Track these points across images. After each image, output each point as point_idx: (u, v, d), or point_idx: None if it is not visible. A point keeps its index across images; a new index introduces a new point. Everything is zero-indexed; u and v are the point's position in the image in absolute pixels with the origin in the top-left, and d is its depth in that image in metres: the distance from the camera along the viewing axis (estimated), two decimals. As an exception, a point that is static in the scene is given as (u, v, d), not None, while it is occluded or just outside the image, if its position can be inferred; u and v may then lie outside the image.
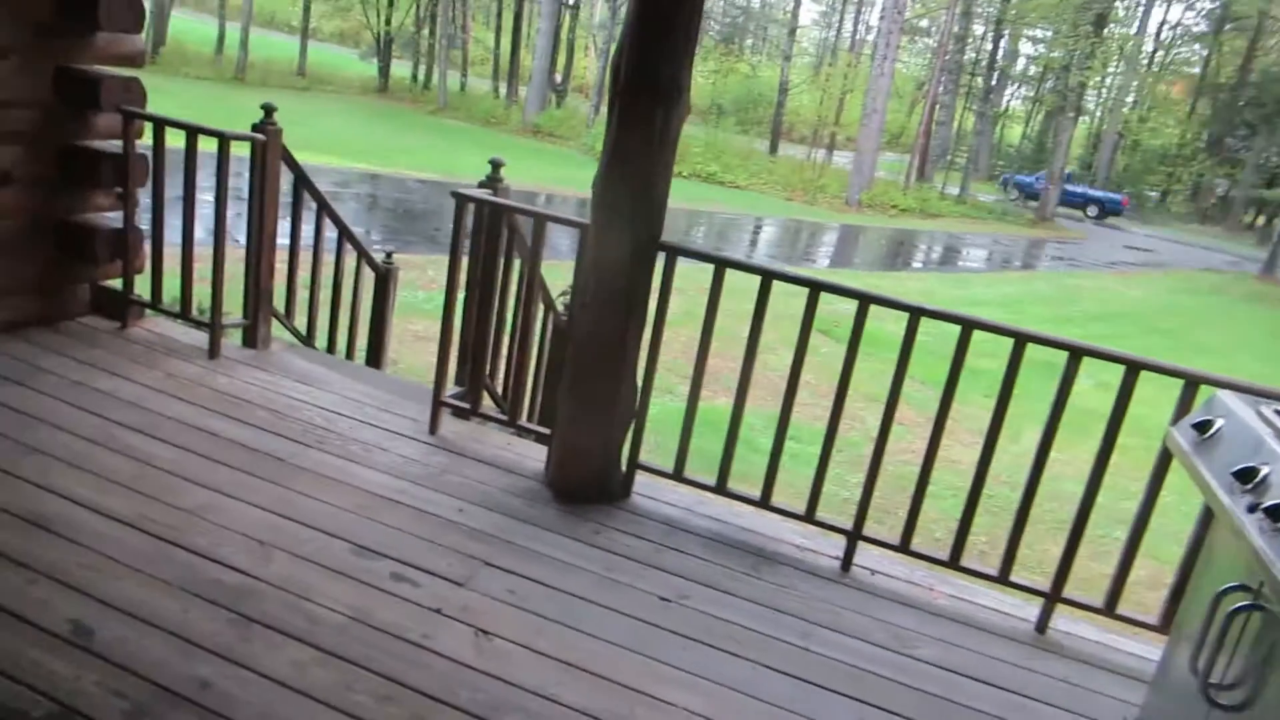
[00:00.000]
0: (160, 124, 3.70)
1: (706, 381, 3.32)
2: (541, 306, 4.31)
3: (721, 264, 3.19)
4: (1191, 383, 2.78)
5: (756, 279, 3.18)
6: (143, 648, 2.16)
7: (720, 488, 3.33)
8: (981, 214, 28.86)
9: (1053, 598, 3.00)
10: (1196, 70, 37.74)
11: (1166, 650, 2.39)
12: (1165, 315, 16.99)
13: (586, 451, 3.26)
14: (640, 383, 3.27)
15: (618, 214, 3.01)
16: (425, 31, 30.50)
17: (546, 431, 3.48)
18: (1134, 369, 2.84)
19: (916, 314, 3.02)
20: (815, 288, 3.13)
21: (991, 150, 38.83)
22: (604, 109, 27.01)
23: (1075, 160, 36.43)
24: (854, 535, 3.17)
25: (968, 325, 2.99)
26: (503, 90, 31.01)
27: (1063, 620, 3.06)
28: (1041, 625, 3.02)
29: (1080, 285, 19.11)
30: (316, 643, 2.29)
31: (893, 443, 3.19)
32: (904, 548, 3.16)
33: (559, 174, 19.49)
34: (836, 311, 2.98)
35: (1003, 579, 3.09)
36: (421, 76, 31.19)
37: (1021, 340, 2.95)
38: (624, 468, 3.37)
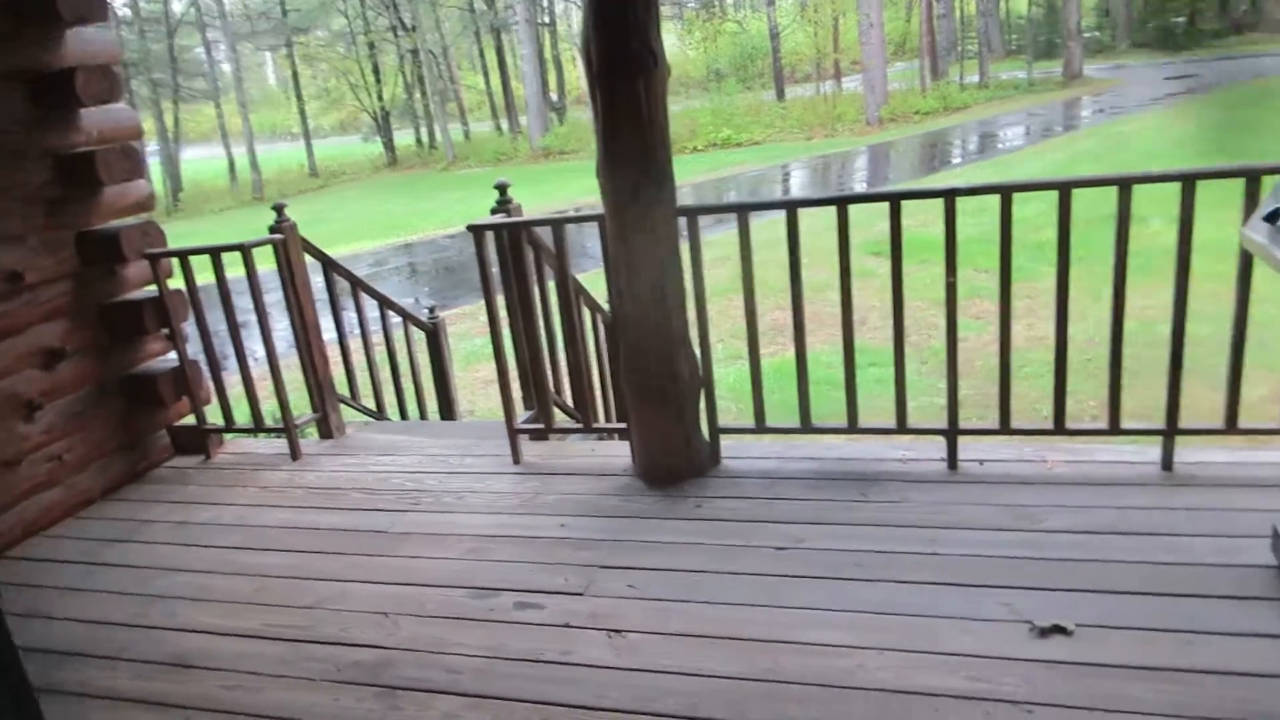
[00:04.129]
0: (184, 256, 3.86)
1: (774, 336, 3.29)
2: (588, 310, 4.35)
3: (743, 209, 3.17)
4: (1253, 177, 2.64)
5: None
6: (304, 741, 2.23)
7: (805, 426, 3.30)
8: (1008, 92, 27.87)
9: (1171, 432, 2.89)
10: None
11: (1300, 447, 2.27)
12: (1221, 136, 16.13)
13: (665, 433, 3.27)
14: (699, 349, 3.27)
15: (627, 193, 3.02)
16: (418, 95, 31.10)
17: (623, 426, 3.50)
18: (1189, 182, 2.71)
19: (950, 196, 2.93)
20: (841, 203, 3.08)
21: (1001, 27, 37.48)
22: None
23: (1091, 9, 34.87)
24: (952, 432, 3.10)
25: (1005, 191, 2.90)
26: (505, 125, 31.36)
27: (1187, 452, 2.93)
28: (1167, 462, 2.90)
29: (1125, 131, 18.26)
30: (462, 690, 2.33)
31: (978, 336, 3.11)
32: (1005, 428, 3.07)
33: (580, 186, 19.60)
34: (881, 231, 2.92)
35: (1114, 429, 2.98)
36: (425, 138, 31.82)
37: (1066, 189, 2.84)
38: (707, 437, 3.36)
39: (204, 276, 3.88)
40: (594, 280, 3.88)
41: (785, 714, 2.06)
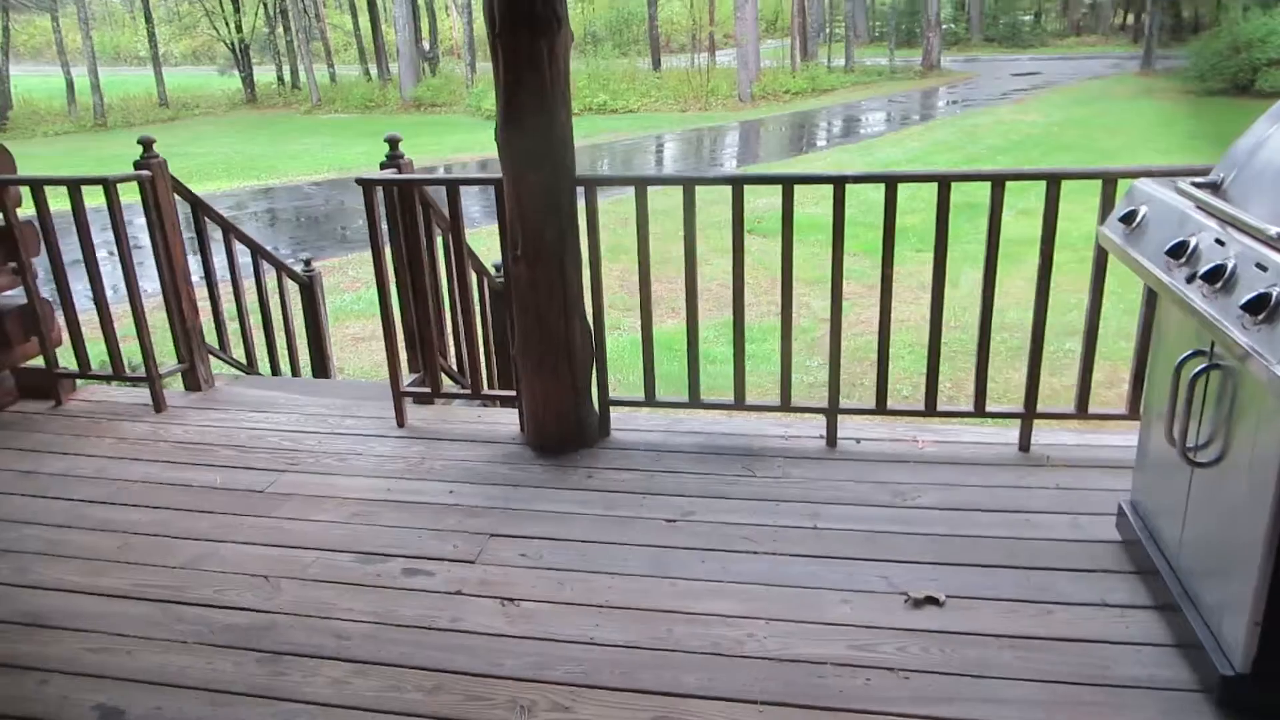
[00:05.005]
0: (38, 185, 3.53)
1: (653, 307, 3.33)
2: (474, 274, 4.27)
3: (641, 183, 3.18)
4: (1109, 180, 2.86)
5: (673, 194, 3.17)
6: (179, 711, 2.13)
7: (694, 401, 3.37)
8: (872, 78, 28.93)
9: (1029, 416, 3.12)
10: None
11: (1141, 432, 2.51)
12: (1065, 131, 17.36)
13: (556, 402, 3.27)
14: (591, 321, 3.28)
15: (527, 159, 2.97)
16: (280, 30, 29.31)
17: (513, 394, 3.47)
18: (1054, 181, 2.91)
19: (840, 183, 3.04)
20: (737, 183, 3.13)
21: (867, 13, 38.74)
22: (482, 66, 26.27)
23: (946, 3, 36.49)
24: (832, 411, 3.24)
25: (890, 180, 3.03)
26: (374, 72, 30.03)
27: (1042, 434, 3.18)
28: (1024, 444, 3.14)
29: (979, 123, 19.36)
30: (351, 656, 2.29)
31: (845, 317, 3.24)
32: (881, 409, 3.24)
33: (453, 142, 19.09)
34: (756, 208, 2.99)
35: (979, 412, 3.19)
36: (288, 77, 30.10)
37: (945, 182, 3.00)
38: (596, 408, 3.39)
39: (57, 204, 3.57)
40: (473, 241, 3.81)
41: (678, 681, 2.13)
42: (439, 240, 3.76)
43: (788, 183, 3.09)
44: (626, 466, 3.18)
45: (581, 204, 3.13)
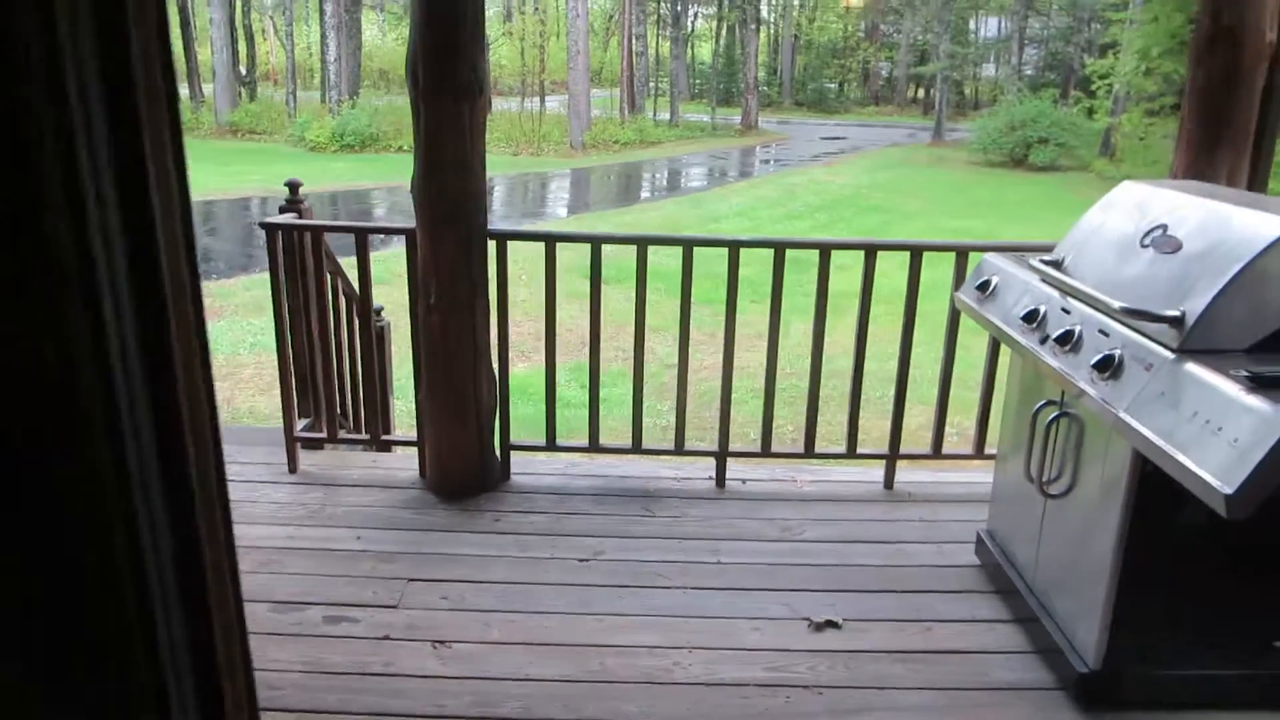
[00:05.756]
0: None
1: (521, 349, 3.50)
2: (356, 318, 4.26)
3: (551, 239, 3.35)
4: (961, 253, 3.31)
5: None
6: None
7: (594, 446, 3.55)
8: (695, 133, 30.37)
9: (892, 457, 3.51)
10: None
11: (996, 470, 2.92)
12: (872, 193, 18.95)
13: (462, 448, 3.35)
14: (496, 367, 3.40)
15: (444, 216, 3.09)
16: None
17: (412, 438, 3.52)
18: (917, 253, 3.34)
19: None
20: (642, 243, 3.36)
21: (688, 71, 40.67)
22: (304, 95, 25.43)
23: (763, 65, 39.01)
24: (722, 454, 3.51)
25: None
26: (185, 92, 28.38)
27: (903, 474, 3.58)
28: (889, 482, 3.53)
29: (796, 182, 20.78)
30: (286, 705, 2.28)
31: (692, 363, 3.54)
32: (766, 451, 3.55)
33: (273, 172, 18.32)
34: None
35: (850, 454, 3.56)
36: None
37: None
38: (498, 453, 3.49)
39: None
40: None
41: (620, 710, 2.29)
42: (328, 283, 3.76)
43: (688, 244, 3.37)
44: (532, 510, 3.31)
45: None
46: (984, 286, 2.85)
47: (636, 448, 3.55)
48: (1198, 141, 2.94)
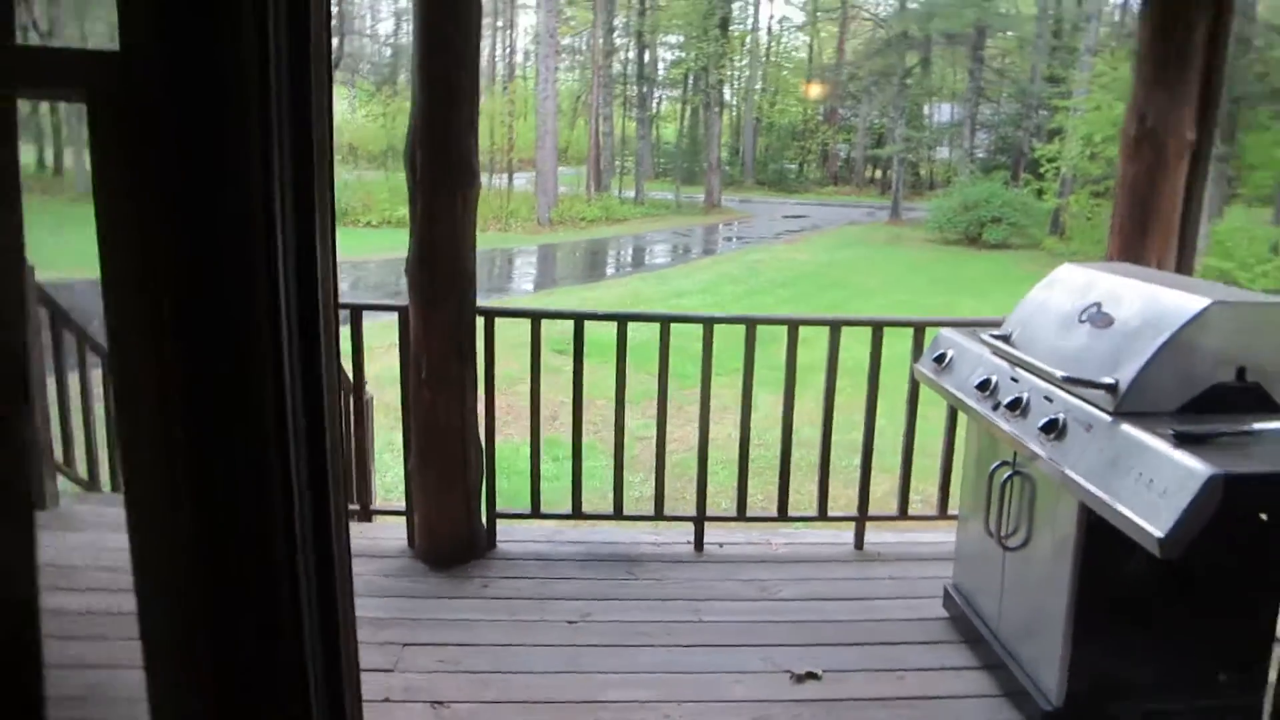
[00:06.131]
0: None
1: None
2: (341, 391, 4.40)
3: (536, 316, 3.56)
4: (919, 328, 3.57)
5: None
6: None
7: (576, 513, 3.71)
8: (660, 211, 31.12)
9: (861, 519, 3.70)
10: (804, 55, 43.13)
11: (959, 528, 3.12)
12: (832, 270, 19.53)
13: (452, 518, 3.49)
14: (484, 440, 3.56)
15: (437, 296, 3.28)
16: None
17: (399, 508, 3.64)
18: (878, 328, 3.59)
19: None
20: (622, 320, 3.58)
21: (653, 150, 41.83)
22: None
23: (725, 145, 40.26)
24: (700, 519, 3.68)
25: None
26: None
27: (871, 535, 3.77)
28: (859, 543, 3.71)
29: (759, 259, 21.36)
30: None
31: (648, 434, 3.73)
32: (742, 516, 3.72)
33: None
34: (567, 331, 3.48)
35: (821, 516, 3.75)
36: None
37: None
38: (484, 521, 3.63)
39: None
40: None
41: (614, 760, 2.41)
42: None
43: (665, 320, 3.60)
44: (519, 575, 3.44)
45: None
46: (940, 359, 3.10)
47: (618, 514, 3.71)
48: (1129, 229, 3.25)
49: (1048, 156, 21.23)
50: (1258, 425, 2.13)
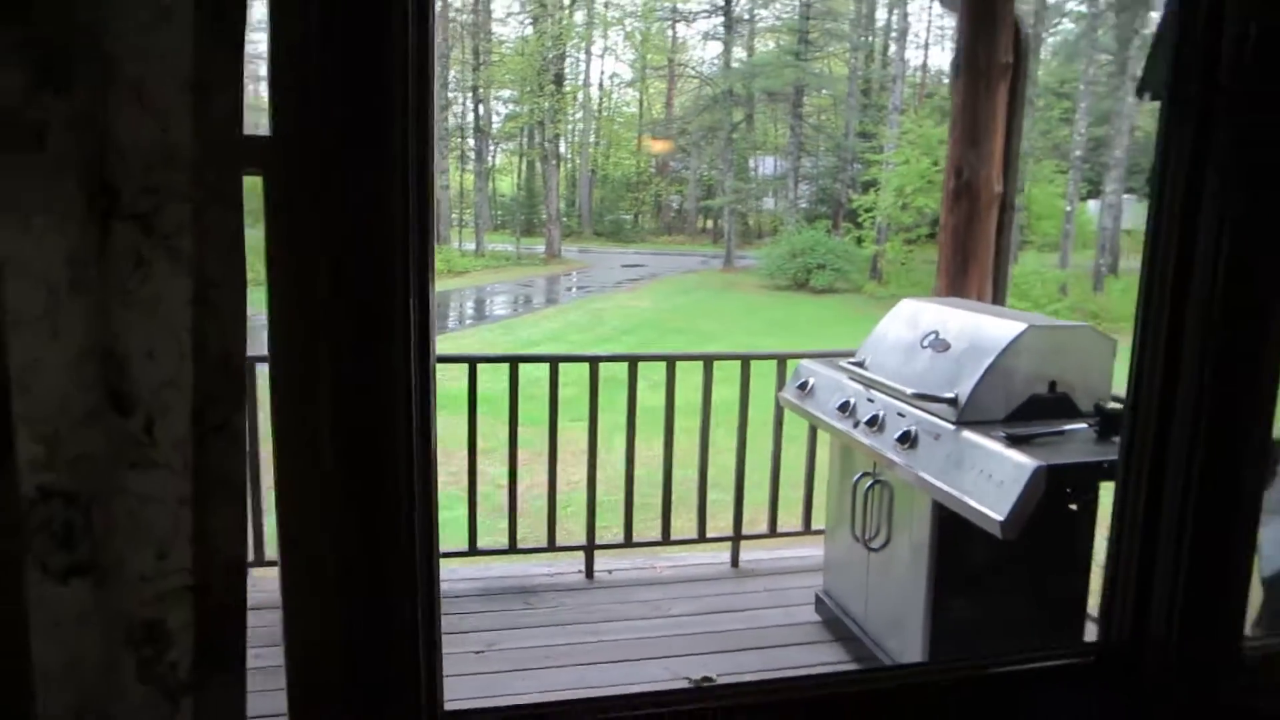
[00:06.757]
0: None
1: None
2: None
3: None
4: (781, 360, 3.97)
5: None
6: None
7: (472, 549, 3.84)
8: (501, 262, 31.27)
9: (736, 539, 4.03)
10: (634, 110, 44.76)
11: (827, 538, 3.49)
12: (673, 316, 20.30)
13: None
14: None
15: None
16: None
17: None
18: (746, 362, 3.97)
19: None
20: (512, 362, 3.79)
21: (490, 203, 42.00)
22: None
23: (563, 197, 41.00)
24: (590, 547, 3.90)
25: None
26: None
27: (745, 553, 4.10)
28: (735, 561, 4.03)
29: (602, 307, 21.88)
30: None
31: (526, 480, 3.96)
32: (629, 542, 3.97)
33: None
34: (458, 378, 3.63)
35: (701, 538, 4.05)
36: None
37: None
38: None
39: None
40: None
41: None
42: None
43: (554, 361, 3.83)
44: (420, 612, 3.53)
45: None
46: (803, 386, 3.49)
47: (513, 548, 3.87)
48: (953, 270, 3.78)
49: (864, 206, 23.04)
50: (1067, 426, 2.60)
